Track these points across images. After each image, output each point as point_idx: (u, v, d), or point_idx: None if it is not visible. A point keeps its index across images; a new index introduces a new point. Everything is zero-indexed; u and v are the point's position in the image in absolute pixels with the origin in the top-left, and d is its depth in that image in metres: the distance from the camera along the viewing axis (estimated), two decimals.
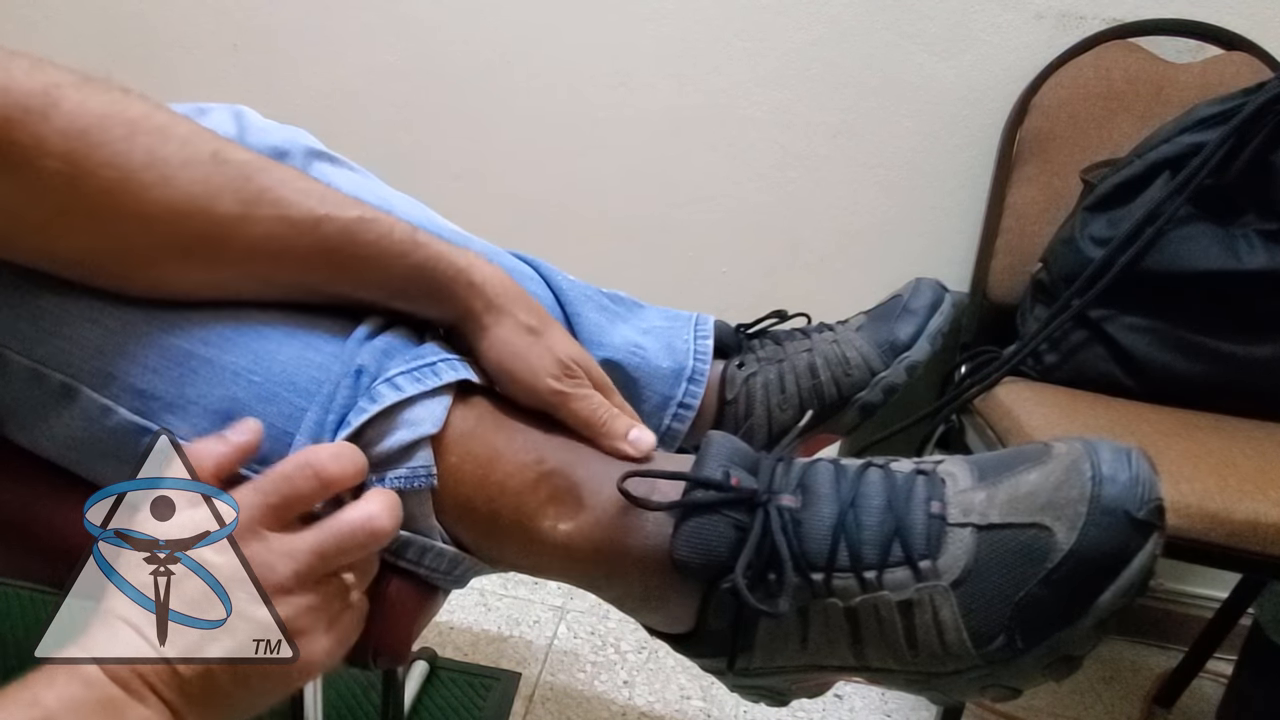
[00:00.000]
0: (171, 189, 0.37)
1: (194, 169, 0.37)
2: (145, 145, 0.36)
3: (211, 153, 0.38)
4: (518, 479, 0.42)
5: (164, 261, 0.39)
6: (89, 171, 0.35)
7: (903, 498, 0.40)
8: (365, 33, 1.21)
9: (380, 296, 0.44)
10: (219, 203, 0.38)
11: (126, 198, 0.36)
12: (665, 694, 1.03)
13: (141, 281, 0.40)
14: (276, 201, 0.39)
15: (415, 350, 0.43)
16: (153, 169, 0.36)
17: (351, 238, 0.41)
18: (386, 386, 0.40)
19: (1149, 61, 1.03)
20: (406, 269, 0.43)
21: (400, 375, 0.41)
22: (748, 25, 1.13)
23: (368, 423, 0.39)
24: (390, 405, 0.40)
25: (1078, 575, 0.36)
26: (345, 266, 0.42)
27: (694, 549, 0.40)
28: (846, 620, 0.39)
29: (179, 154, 0.37)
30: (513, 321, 0.44)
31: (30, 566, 0.46)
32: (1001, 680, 0.39)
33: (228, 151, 0.39)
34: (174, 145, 0.37)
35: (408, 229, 0.43)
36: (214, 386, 0.39)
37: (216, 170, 0.38)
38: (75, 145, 0.35)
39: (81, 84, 0.36)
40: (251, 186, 0.39)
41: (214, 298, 0.42)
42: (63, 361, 0.39)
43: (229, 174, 0.38)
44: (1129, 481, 0.36)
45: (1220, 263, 0.80)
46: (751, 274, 1.23)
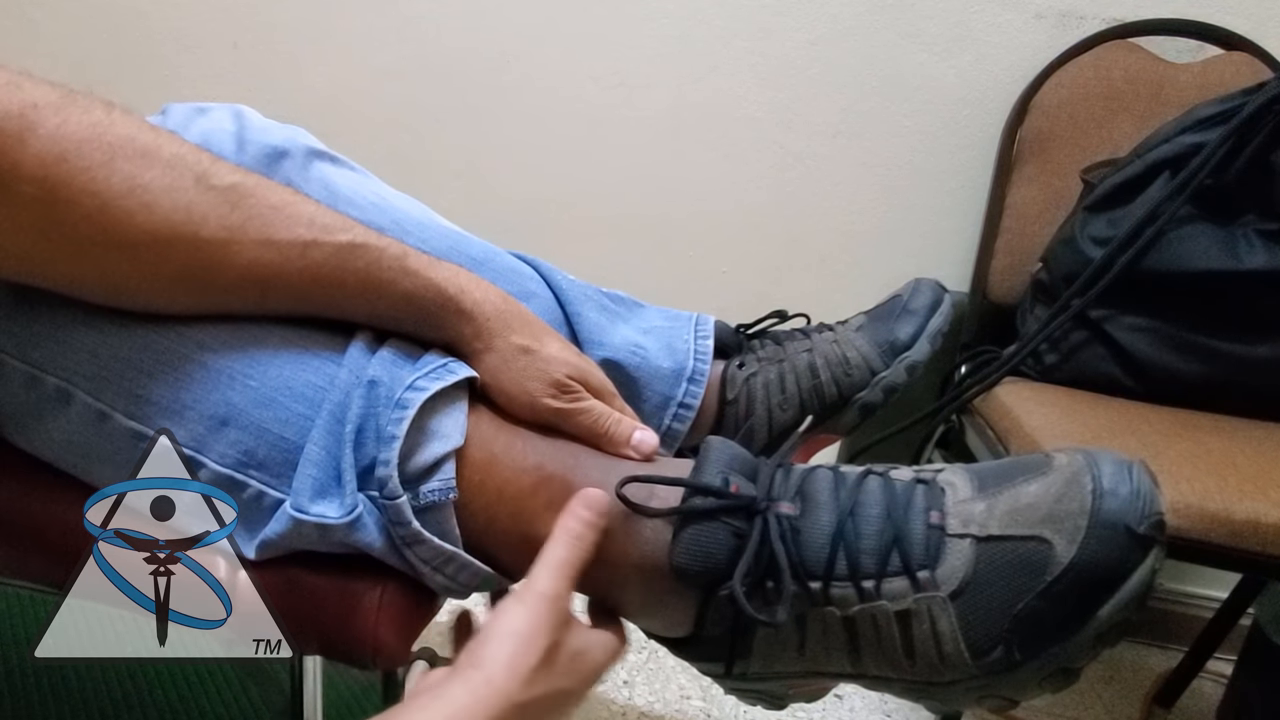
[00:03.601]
0: (154, 216, 0.36)
1: (177, 195, 0.37)
2: (126, 171, 0.35)
3: (196, 178, 0.37)
4: (515, 484, 0.42)
5: (151, 288, 0.39)
6: (68, 199, 0.34)
7: (902, 507, 0.39)
8: (365, 32, 1.21)
9: (372, 321, 0.44)
10: (204, 230, 0.37)
11: (107, 225, 0.35)
12: (665, 694, 1.02)
13: (131, 304, 0.40)
14: (263, 228, 0.38)
15: (423, 357, 0.43)
16: (133, 196, 0.35)
17: (340, 265, 0.40)
18: (411, 392, 0.40)
19: (1149, 61, 1.03)
20: (395, 297, 0.42)
21: (420, 379, 0.41)
22: (748, 25, 1.13)
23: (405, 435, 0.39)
24: (417, 413, 0.40)
25: (1077, 589, 0.36)
26: (333, 294, 0.42)
27: (692, 556, 0.40)
28: (844, 629, 0.39)
29: (161, 180, 0.36)
30: (505, 344, 0.44)
31: (30, 566, 0.46)
32: (999, 691, 0.39)
33: (214, 176, 0.38)
34: (157, 170, 0.36)
35: (397, 255, 0.42)
36: (210, 391, 0.39)
37: (201, 197, 0.37)
38: (53, 171, 0.34)
39: (61, 105, 0.34)
40: (237, 214, 0.38)
41: (207, 315, 0.41)
42: (58, 366, 0.39)
43: (214, 200, 0.37)
44: (1130, 495, 0.36)
45: (1220, 262, 0.80)
46: (751, 274, 1.23)
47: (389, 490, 0.39)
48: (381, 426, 0.39)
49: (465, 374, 0.42)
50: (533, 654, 0.34)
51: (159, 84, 1.28)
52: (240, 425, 0.39)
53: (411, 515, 0.39)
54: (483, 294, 0.45)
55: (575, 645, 0.37)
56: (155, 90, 1.28)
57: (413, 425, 0.40)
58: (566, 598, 0.37)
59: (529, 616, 0.35)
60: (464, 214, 0.64)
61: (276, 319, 0.42)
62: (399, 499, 0.39)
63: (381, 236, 0.42)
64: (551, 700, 0.35)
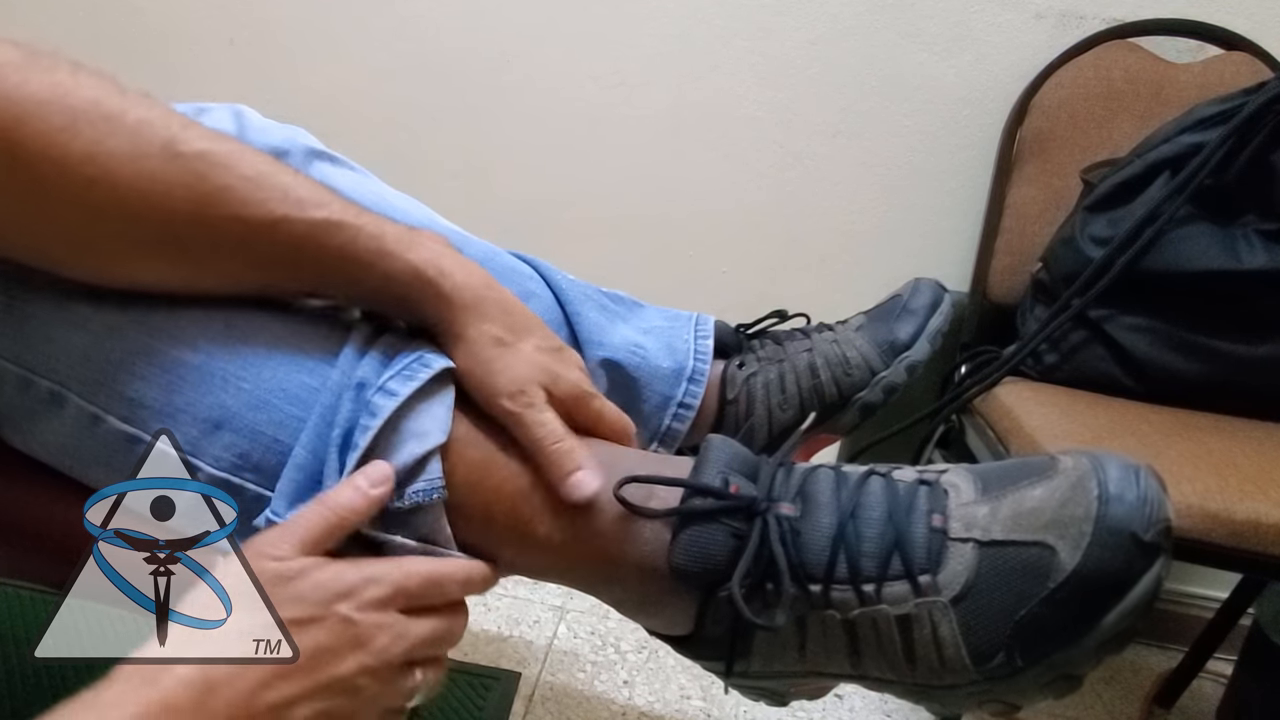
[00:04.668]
0: (116, 184, 0.35)
1: (142, 163, 0.35)
2: (89, 137, 0.34)
3: (163, 144, 0.36)
4: (512, 484, 0.41)
5: (125, 255, 0.37)
6: (26, 163, 0.33)
7: (904, 509, 0.39)
8: (364, 31, 1.21)
9: (354, 301, 0.43)
10: (170, 200, 0.36)
11: (66, 191, 0.34)
12: (665, 694, 1.02)
13: (110, 275, 0.38)
14: (232, 201, 0.37)
15: (400, 354, 0.42)
16: (94, 163, 0.34)
17: (313, 242, 0.39)
18: (381, 396, 0.39)
19: (1149, 61, 1.03)
20: (374, 279, 0.41)
21: (392, 380, 0.40)
22: (748, 25, 1.13)
23: (375, 437, 0.38)
24: (393, 415, 0.39)
25: (1080, 596, 0.35)
26: (306, 270, 0.40)
27: (692, 557, 0.39)
28: (844, 632, 0.39)
29: (125, 146, 0.35)
30: (478, 332, 0.42)
31: (30, 566, 0.46)
32: (1000, 696, 0.38)
33: (183, 142, 0.36)
34: (121, 137, 0.35)
35: (374, 235, 0.40)
36: (203, 394, 0.39)
37: (168, 165, 0.36)
38: (11, 133, 0.32)
39: (23, 64, 0.33)
40: (206, 185, 0.36)
41: (188, 291, 0.40)
42: (51, 368, 0.39)
43: (180, 170, 0.36)
44: (1136, 501, 0.36)
45: (1220, 262, 0.80)
46: (751, 274, 1.23)
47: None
48: (358, 441, 0.39)
49: (440, 366, 0.41)
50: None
51: (155, 80, 1.27)
52: (234, 428, 0.39)
53: (368, 525, 0.38)
54: (464, 277, 0.42)
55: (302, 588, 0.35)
56: (151, 87, 1.26)
57: (388, 426, 0.39)
58: (288, 556, 0.36)
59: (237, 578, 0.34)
60: (464, 214, 0.64)
61: (272, 314, 0.42)
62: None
63: (361, 213, 0.40)
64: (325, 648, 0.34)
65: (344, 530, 0.37)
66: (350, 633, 0.35)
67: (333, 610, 0.35)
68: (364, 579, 0.36)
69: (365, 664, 0.35)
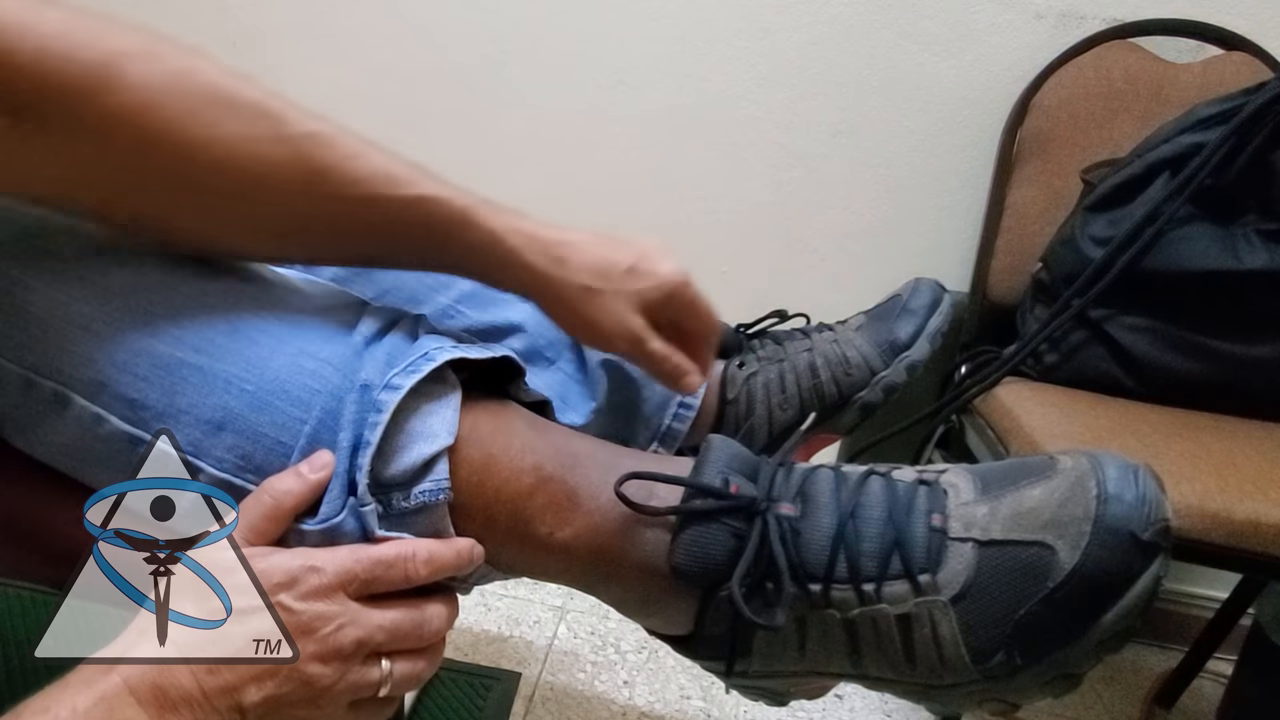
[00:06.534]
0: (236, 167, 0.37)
1: (255, 146, 0.38)
2: (207, 119, 0.36)
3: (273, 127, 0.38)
4: (514, 485, 0.41)
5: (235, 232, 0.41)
6: (155, 148, 0.35)
7: (904, 509, 0.39)
8: (364, 31, 1.21)
9: (442, 270, 0.46)
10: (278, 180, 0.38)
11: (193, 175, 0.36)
12: (665, 694, 1.02)
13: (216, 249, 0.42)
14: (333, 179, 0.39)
15: (412, 347, 0.42)
16: (215, 147, 0.36)
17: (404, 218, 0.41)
18: (386, 392, 0.39)
19: (1149, 61, 1.03)
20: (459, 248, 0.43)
21: (396, 375, 0.40)
22: (748, 25, 1.13)
23: (384, 434, 0.39)
24: (401, 417, 0.39)
25: (1079, 595, 0.36)
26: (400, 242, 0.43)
27: (692, 557, 0.39)
28: (844, 631, 0.39)
29: (240, 130, 0.37)
30: (567, 288, 0.46)
31: (30, 566, 0.46)
32: (1000, 695, 0.39)
33: (290, 123, 0.39)
34: (236, 123, 0.37)
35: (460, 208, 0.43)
36: (206, 395, 0.39)
37: (277, 147, 0.38)
38: (140, 119, 0.34)
39: (145, 52, 0.35)
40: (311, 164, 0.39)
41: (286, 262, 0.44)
42: (53, 369, 0.39)
43: (288, 153, 0.38)
44: (1135, 501, 0.36)
45: (1220, 262, 0.80)
46: (751, 274, 1.23)
47: (361, 497, 0.38)
48: (369, 439, 0.39)
49: (445, 357, 0.41)
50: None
51: None
52: (236, 430, 0.39)
53: (376, 523, 0.39)
54: (543, 237, 0.45)
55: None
56: None
57: (396, 427, 0.39)
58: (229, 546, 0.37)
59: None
60: None
61: (276, 314, 0.42)
62: (368, 506, 0.38)
63: (445, 185, 0.43)
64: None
65: (283, 515, 0.37)
66: (292, 621, 0.35)
67: (275, 600, 0.36)
68: (306, 567, 0.36)
69: (312, 652, 0.35)
